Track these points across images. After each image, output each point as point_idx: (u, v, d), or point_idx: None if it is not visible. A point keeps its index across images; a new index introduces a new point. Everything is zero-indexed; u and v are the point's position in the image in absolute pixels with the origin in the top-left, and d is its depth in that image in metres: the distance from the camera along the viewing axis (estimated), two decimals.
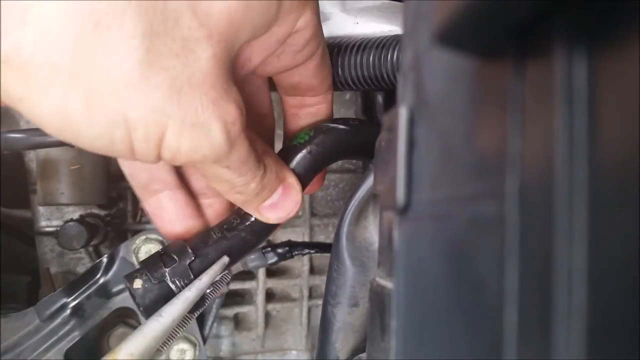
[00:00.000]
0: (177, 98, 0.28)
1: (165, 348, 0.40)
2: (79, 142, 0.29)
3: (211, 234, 0.43)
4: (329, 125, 0.45)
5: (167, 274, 0.41)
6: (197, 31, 0.28)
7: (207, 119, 0.30)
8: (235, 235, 0.43)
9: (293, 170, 0.42)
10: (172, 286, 0.41)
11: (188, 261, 0.41)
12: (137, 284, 0.40)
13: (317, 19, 0.38)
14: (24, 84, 0.26)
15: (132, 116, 0.28)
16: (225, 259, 0.42)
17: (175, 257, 0.41)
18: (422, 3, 0.25)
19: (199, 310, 0.43)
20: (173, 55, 0.27)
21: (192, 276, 0.41)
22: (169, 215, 0.43)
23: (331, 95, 0.46)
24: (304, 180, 0.43)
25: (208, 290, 0.42)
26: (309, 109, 0.45)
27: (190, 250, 0.41)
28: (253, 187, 0.38)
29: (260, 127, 0.45)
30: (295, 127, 0.46)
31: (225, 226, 0.43)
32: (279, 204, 0.41)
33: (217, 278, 0.43)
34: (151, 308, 0.41)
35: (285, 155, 0.43)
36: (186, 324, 0.41)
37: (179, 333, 0.40)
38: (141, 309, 0.41)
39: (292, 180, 0.41)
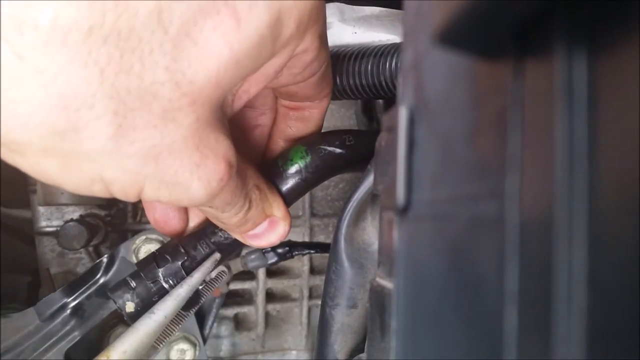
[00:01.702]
0: (154, 163, 0.29)
1: (160, 345, 0.40)
2: (63, 188, 0.30)
3: (203, 234, 0.43)
4: (325, 148, 0.44)
5: (160, 274, 0.42)
6: (178, 101, 0.27)
7: (188, 179, 0.30)
8: (228, 236, 0.43)
9: (284, 197, 0.42)
10: (166, 285, 0.42)
11: (181, 261, 0.42)
12: (130, 307, 0.41)
13: (319, 41, 0.35)
14: (5, 149, 0.27)
15: (107, 176, 0.29)
16: (216, 255, 0.43)
17: (168, 257, 0.42)
18: (422, 3, 0.25)
19: (194, 308, 0.43)
20: (150, 127, 0.27)
21: (185, 275, 0.42)
22: (160, 211, 0.43)
23: (327, 102, 0.45)
24: (291, 202, 0.43)
25: (201, 287, 0.43)
26: (301, 111, 0.45)
27: (183, 250, 0.42)
28: (235, 221, 0.38)
29: (250, 138, 0.45)
30: (285, 128, 0.45)
31: (212, 238, 0.44)
32: (262, 235, 0.41)
33: (212, 274, 0.43)
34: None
35: (278, 179, 0.43)
36: (181, 321, 0.42)
37: (174, 330, 0.41)
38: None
39: (280, 214, 0.41)
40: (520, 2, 0.15)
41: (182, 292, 0.41)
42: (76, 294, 0.56)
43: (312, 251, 0.68)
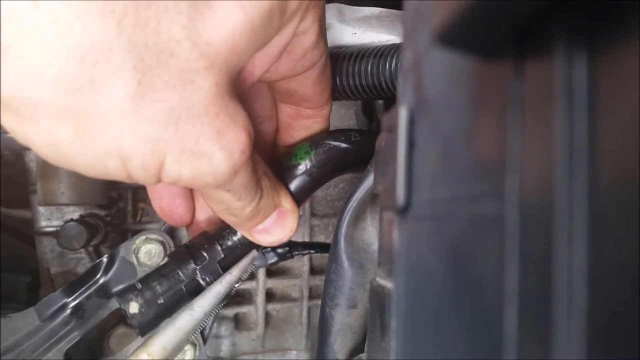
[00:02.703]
0: (175, 128, 0.27)
1: (196, 341, 0.40)
2: (73, 169, 0.28)
3: (227, 234, 0.43)
4: (330, 143, 0.43)
5: (198, 271, 0.41)
6: (196, 62, 0.27)
7: (210, 148, 0.29)
8: (239, 238, 0.43)
9: (291, 193, 0.41)
10: (202, 282, 0.42)
11: (218, 259, 0.42)
12: (134, 308, 0.41)
13: (318, 26, 0.35)
14: (13, 116, 0.25)
15: (126, 146, 0.27)
16: (254, 253, 0.43)
17: (205, 255, 0.42)
18: (422, 3, 0.25)
19: (224, 302, 0.43)
20: (169, 88, 0.26)
21: (222, 273, 0.42)
22: (166, 200, 0.43)
23: (328, 110, 0.45)
24: (301, 201, 0.43)
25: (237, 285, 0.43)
26: (304, 120, 0.44)
27: (219, 249, 0.42)
28: (248, 212, 0.37)
29: (262, 140, 0.45)
30: (288, 138, 0.45)
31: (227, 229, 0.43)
32: (271, 229, 0.40)
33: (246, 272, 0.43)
34: (148, 328, 0.42)
35: (284, 177, 0.42)
36: (212, 316, 0.42)
37: (204, 326, 0.41)
38: (137, 330, 0.42)
39: (288, 206, 0.40)
40: (520, 2, 0.15)
41: (221, 289, 0.40)
42: (76, 294, 0.56)
43: (312, 251, 0.68)
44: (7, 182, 0.75)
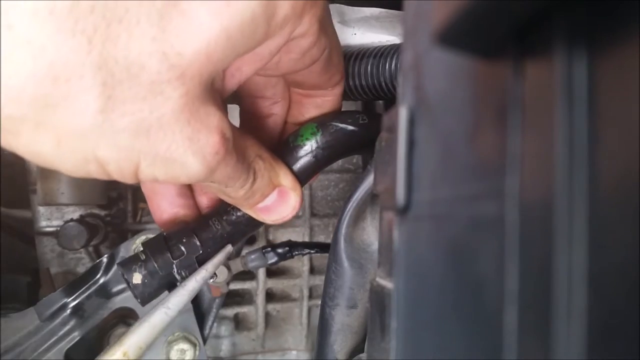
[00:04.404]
0: (146, 137, 0.29)
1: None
2: (59, 171, 0.30)
3: (211, 225, 0.43)
4: (337, 125, 0.43)
5: (174, 265, 0.41)
6: (166, 74, 0.27)
7: (182, 154, 0.30)
8: (235, 226, 0.43)
9: (294, 173, 0.41)
10: (178, 277, 0.41)
11: (196, 254, 0.41)
12: (137, 278, 0.41)
13: (318, 26, 0.35)
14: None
15: (100, 155, 0.28)
16: (229, 248, 0.43)
17: (183, 248, 0.41)
18: (422, 3, 0.25)
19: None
20: (139, 99, 0.27)
21: (197, 267, 0.42)
22: (160, 201, 0.44)
23: (340, 89, 0.44)
24: (305, 181, 0.42)
25: (211, 280, 0.43)
26: (315, 99, 0.44)
27: (198, 244, 0.42)
28: (242, 194, 0.38)
29: (273, 120, 0.45)
30: (298, 115, 0.45)
31: (224, 217, 0.43)
32: (274, 207, 0.41)
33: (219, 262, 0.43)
34: (149, 298, 0.42)
35: (288, 156, 0.42)
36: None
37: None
38: (139, 300, 0.41)
39: (289, 184, 0.40)
40: (520, 2, 0.15)
41: (195, 286, 0.40)
42: (76, 294, 0.56)
43: (312, 251, 0.68)
44: (7, 182, 0.75)
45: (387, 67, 0.47)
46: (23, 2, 0.24)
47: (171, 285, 0.42)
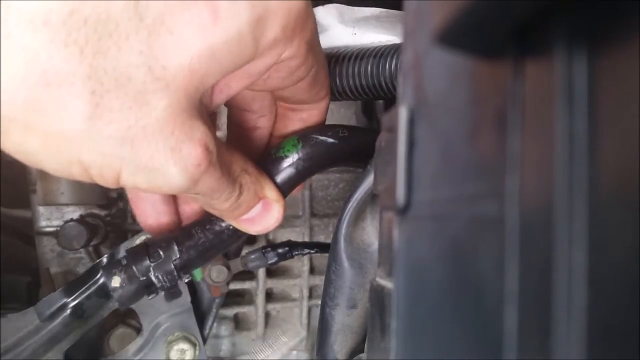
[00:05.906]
0: (130, 145, 0.30)
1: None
2: (44, 170, 0.31)
3: (194, 233, 0.44)
4: (317, 137, 0.44)
5: (151, 268, 0.42)
6: (151, 85, 0.29)
7: (164, 164, 0.31)
8: (218, 236, 0.44)
9: (277, 184, 0.42)
10: (155, 280, 0.43)
11: (174, 258, 0.43)
12: (115, 282, 0.43)
13: (306, 48, 0.36)
14: None
15: (84, 159, 0.30)
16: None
17: (161, 252, 0.43)
18: (422, 3, 0.25)
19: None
20: (125, 108, 0.29)
21: (176, 273, 0.43)
22: (144, 206, 0.44)
23: (326, 103, 0.45)
24: (287, 192, 0.43)
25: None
26: (300, 113, 0.45)
27: (176, 248, 0.43)
28: (227, 206, 0.38)
29: (259, 133, 0.45)
30: (283, 128, 0.46)
31: (207, 226, 0.44)
32: (257, 219, 0.41)
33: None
34: (128, 302, 0.43)
35: (270, 168, 0.43)
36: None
37: None
38: (117, 303, 0.44)
39: (273, 196, 0.41)
40: (520, 2, 0.15)
41: None
42: (76, 294, 0.56)
43: (312, 251, 0.68)
44: (7, 182, 0.75)
45: (387, 67, 0.47)
46: (21, 13, 0.25)
47: (150, 290, 0.44)
